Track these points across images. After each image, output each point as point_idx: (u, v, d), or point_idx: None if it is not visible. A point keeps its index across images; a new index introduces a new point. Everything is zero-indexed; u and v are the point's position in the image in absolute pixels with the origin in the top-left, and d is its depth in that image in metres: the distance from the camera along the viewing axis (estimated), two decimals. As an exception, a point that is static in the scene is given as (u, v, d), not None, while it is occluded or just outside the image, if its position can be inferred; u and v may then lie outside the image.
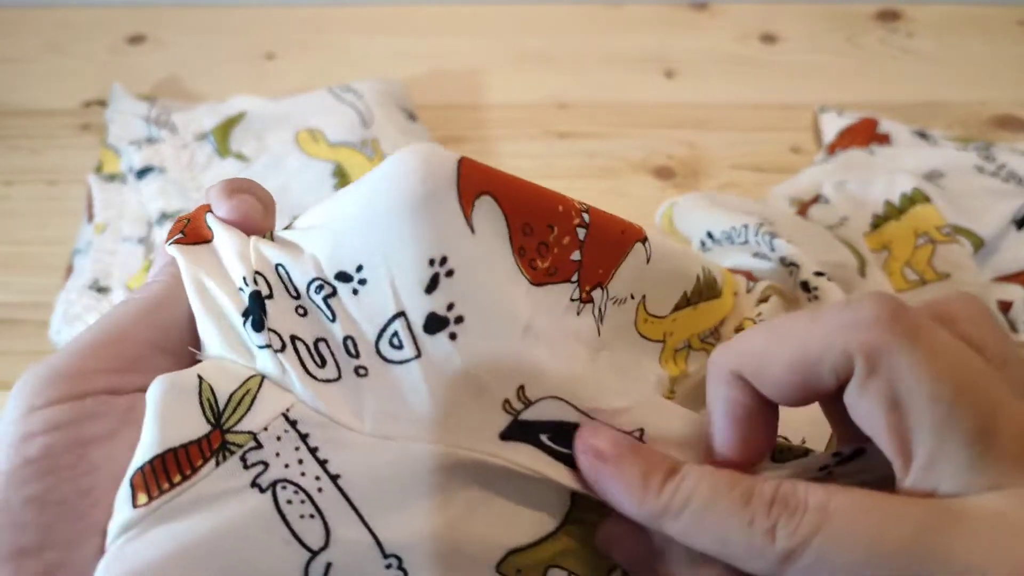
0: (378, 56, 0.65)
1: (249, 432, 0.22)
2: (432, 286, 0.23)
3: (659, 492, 0.22)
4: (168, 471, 0.21)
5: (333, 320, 0.23)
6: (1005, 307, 0.44)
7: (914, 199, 0.47)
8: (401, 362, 0.23)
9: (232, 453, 0.22)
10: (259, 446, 0.22)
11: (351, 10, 0.68)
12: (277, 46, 0.66)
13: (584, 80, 0.64)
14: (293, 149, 0.51)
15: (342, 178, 0.51)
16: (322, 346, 0.23)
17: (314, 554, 0.22)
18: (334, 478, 0.22)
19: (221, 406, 0.22)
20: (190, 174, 0.51)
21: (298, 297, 0.24)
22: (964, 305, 0.22)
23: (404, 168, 0.23)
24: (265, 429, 0.22)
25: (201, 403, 0.22)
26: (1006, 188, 0.50)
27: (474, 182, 0.24)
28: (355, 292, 0.24)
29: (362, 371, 0.23)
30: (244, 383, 0.23)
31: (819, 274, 0.37)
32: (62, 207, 0.54)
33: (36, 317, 0.48)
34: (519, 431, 0.24)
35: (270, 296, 0.23)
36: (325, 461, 0.22)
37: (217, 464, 0.22)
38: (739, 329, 0.34)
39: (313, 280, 0.24)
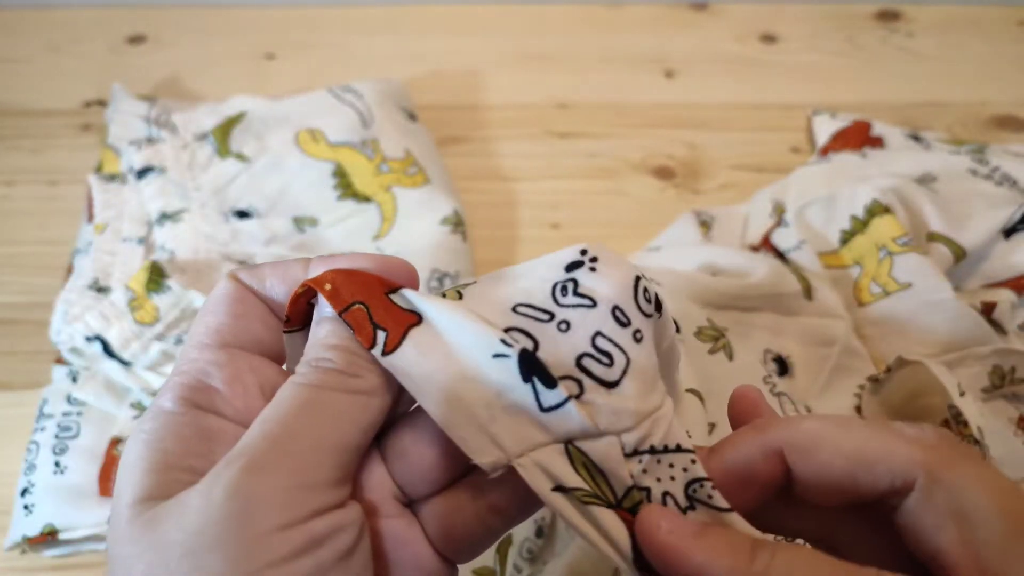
0: (378, 56, 0.65)
1: None
2: None
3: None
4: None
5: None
6: (989, 308, 0.44)
7: (873, 211, 0.46)
8: None
9: None
10: None
11: (351, 10, 0.68)
12: (277, 46, 0.66)
13: (584, 80, 0.64)
14: (293, 149, 0.51)
15: (342, 178, 0.51)
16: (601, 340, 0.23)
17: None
18: None
19: None
20: (190, 174, 0.51)
21: (552, 317, 0.23)
22: None
23: None
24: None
25: None
26: (998, 193, 0.50)
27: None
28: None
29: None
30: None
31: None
32: (62, 207, 0.54)
33: (36, 317, 0.48)
34: None
35: (536, 347, 0.22)
36: None
37: None
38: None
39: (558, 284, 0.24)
